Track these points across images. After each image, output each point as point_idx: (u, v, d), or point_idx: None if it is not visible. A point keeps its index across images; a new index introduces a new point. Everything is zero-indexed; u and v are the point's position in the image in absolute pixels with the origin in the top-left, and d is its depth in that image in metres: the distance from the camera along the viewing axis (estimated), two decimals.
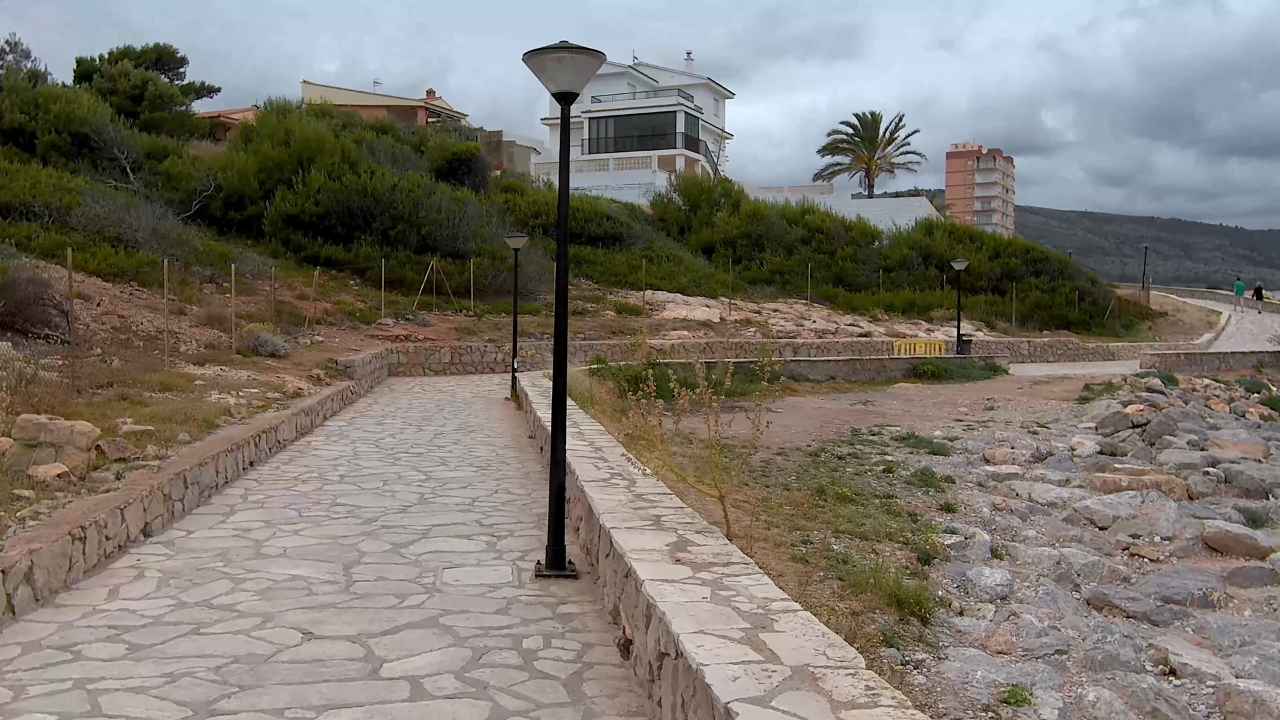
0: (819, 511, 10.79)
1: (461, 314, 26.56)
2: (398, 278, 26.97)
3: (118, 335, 15.63)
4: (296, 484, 9.02)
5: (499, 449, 12.04)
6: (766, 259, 36.53)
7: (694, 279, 33.59)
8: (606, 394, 18.84)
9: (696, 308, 30.23)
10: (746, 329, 28.80)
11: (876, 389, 24.33)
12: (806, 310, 32.93)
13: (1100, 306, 39.29)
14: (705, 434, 15.97)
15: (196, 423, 9.84)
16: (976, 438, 16.99)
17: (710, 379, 20.94)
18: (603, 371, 20.45)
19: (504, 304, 27.78)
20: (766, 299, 34.01)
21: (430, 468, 10.19)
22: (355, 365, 17.73)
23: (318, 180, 28.39)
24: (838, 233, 38.39)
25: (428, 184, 29.83)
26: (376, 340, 22.99)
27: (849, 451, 15.11)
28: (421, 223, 28.36)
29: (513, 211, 34.85)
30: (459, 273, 27.86)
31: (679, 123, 60.22)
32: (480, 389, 20.42)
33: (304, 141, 30.14)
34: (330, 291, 25.79)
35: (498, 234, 30.13)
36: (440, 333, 24.53)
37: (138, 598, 5.37)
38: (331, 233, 28.20)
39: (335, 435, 12.63)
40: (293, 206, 28.15)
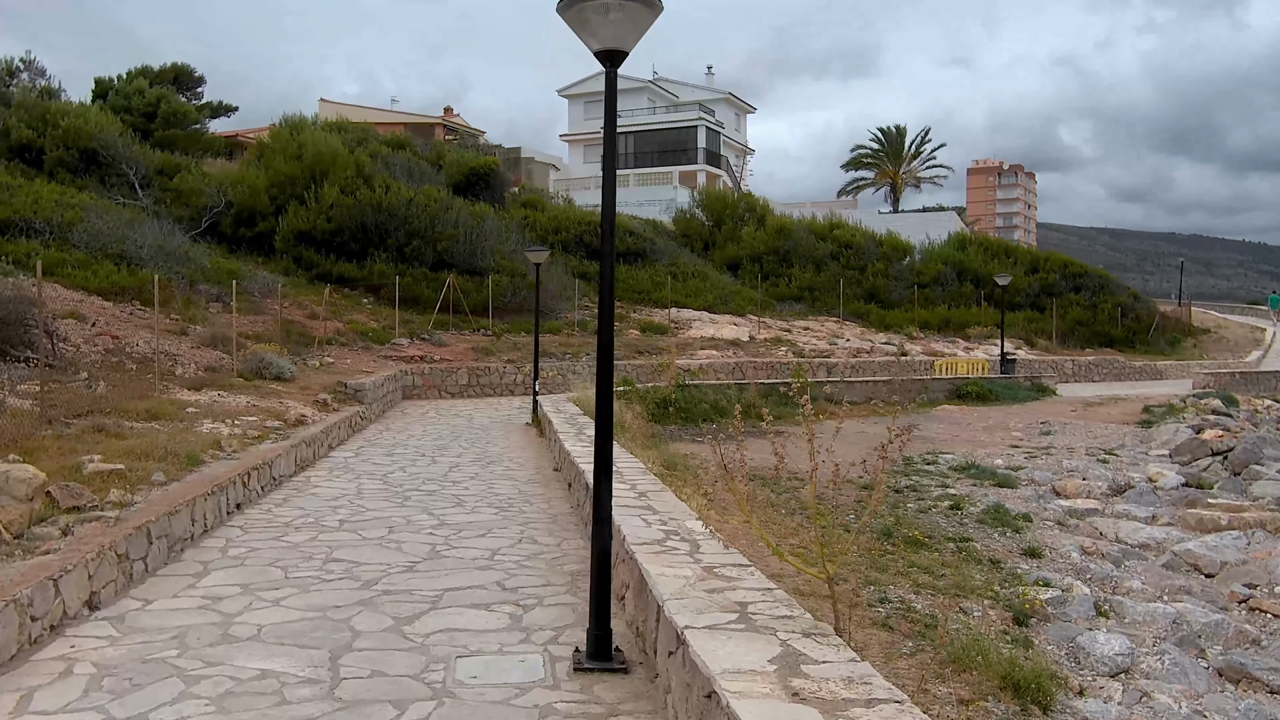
0: (888, 559, 9.40)
1: (479, 334, 25.37)
2: (413, 296, 25.83)
3: (109, 358, 14.48)
4: (288, 532, 7.73)
5: (521, 484, 10.73)
6: (795, 275, 35.19)
7: (720, 296, 32.29)
8: (635, 419, 17.52)
9: (724, 326, 28.91)
10: (777, 348, 27.45)
11: (919, 411, 22.87)
12: (838, 328, 31.52)
13: (1144, 323, 37.63)
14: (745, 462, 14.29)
15: (178, 458, 8.59)
16: (1041, 466, 15.52)
17: (742, 402, 19.39)
18: (630, 394, 19.16)
19: (523, 323, 26.58)
20: (796, 316, 32.64)
21: (444, 509, 8.89)
22: (366, 389, 16.51)
23: (330, 195, 27.37)
24: (868, 248, 37.01)
25: (444, 199, 28.75)
26: (390, 361, 21.81)
27: (907, 484, 13.69)
28: (438, 239, 27.25)
29: (532, 228, 33.73)
30: (476, 290, 26.70)
31: (700, 138, 59.17)
32: (499, 413, 19.15)
33: (317, 156, 29.18)
34: (342, 310, 24.68)
35: (516, 250, 29.00)
36: (457, 353, 23.33)
37: (52, 712, 4.08)
38: (345, 249, 27.13)
39: (339, 469, 11.37)
40: (304, 223, 27.12)
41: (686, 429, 19.13)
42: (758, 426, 19.50)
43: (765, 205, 41.44)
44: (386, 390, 18.70)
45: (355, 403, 16.09)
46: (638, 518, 6.01)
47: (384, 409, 18.35)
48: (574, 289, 29.14)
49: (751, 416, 20.24)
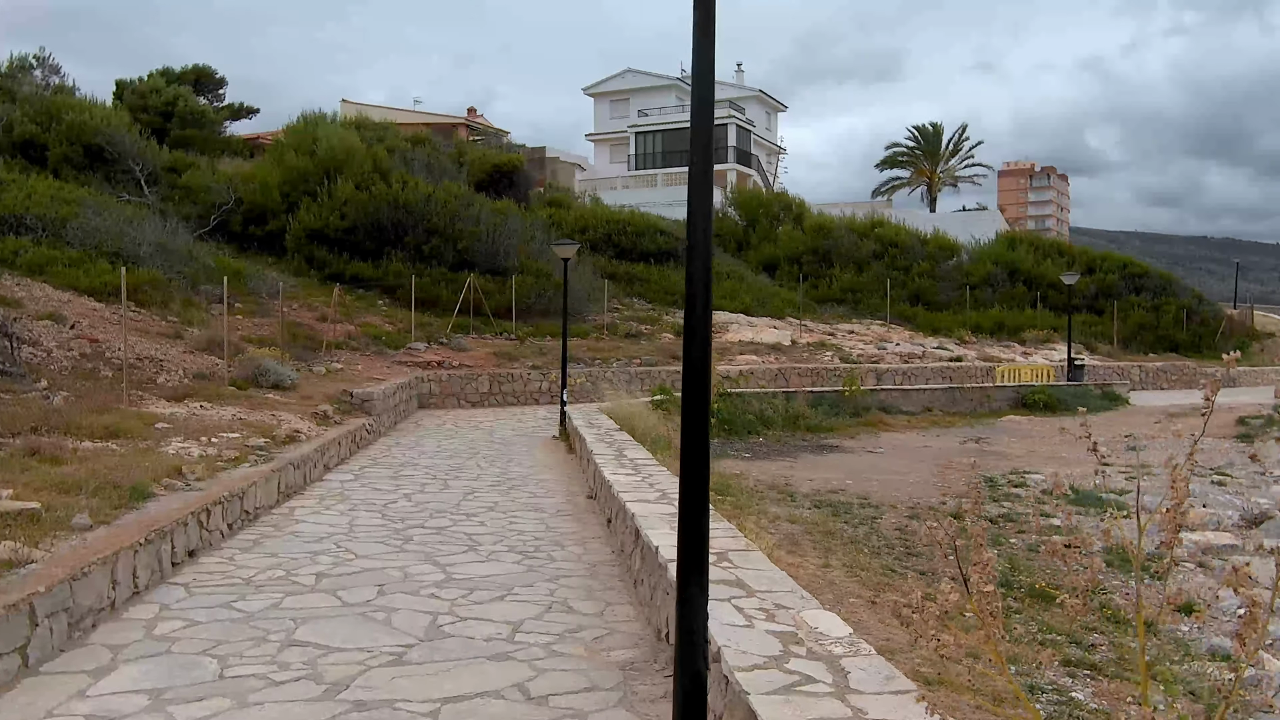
0: (1015, 618, 7.41)
1: (501, 337, 23.58)
2: (431, 297, 24.10)
3: (83, 363, 12.79)
4: (246, 593, 5.90)
5: (549, 516, 8.85)
6: (836, 276, 33.16)
7: (758, 298, 30.32)
8: (675, 432, 15.63)
9: (763, 329, 26.95)
10: (821, 353, 25.44)
11: (983, 422, 20.80)
12: (885, 332, 29.46)
13: (1210, 327, 35.21)
14: (804, 484, 12.36)
15: (119, 492, 6.80)
16: (1148, 490, 13.38)
17: (790, 411, 17.31)
18: (668, 404, 17.26)
19: (549, 326, 24.78)
20: (839, 319, 30.62)
21: (453, 556, 7.03)
22: (374, 398, 14.73)
23: (344, 191, 25.73)
24: (912, 247, 34.90)
25: (466, 195, 27.04)
26: (405, 367, 20.06)
27: (999, 512, 11.66)
28: (458, 237, 25.52)
29: (558, 226, 31.93)
30: (499, 292, 24.93)
31: (730, 136, 57.22)
32: (523, 424, 17.31)
33: (331, 151, 27.58)
34: (355, 313, 23.00)
35: (542, 249, 27.22)
36: (478, 358, 21.55)
37: None
38: (359, 248, 25.47)
39: (333, 496, 9.55)
40: (317, 220, 25.50)
41: (731, 442, 17.22)
42: (809, 439, 17.37)
43: (801, 204, 39.44)
44: (399, 399, 16.92)
45: (361, 414, 14.31)
46: (726, 603, 4.09)
47: (395, 420, 16.58)
48: (603, 290, 27.29)
49: (800, 428, 18.10)
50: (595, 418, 14.38)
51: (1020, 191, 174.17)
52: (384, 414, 15.30)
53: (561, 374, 16.15)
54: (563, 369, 16.22)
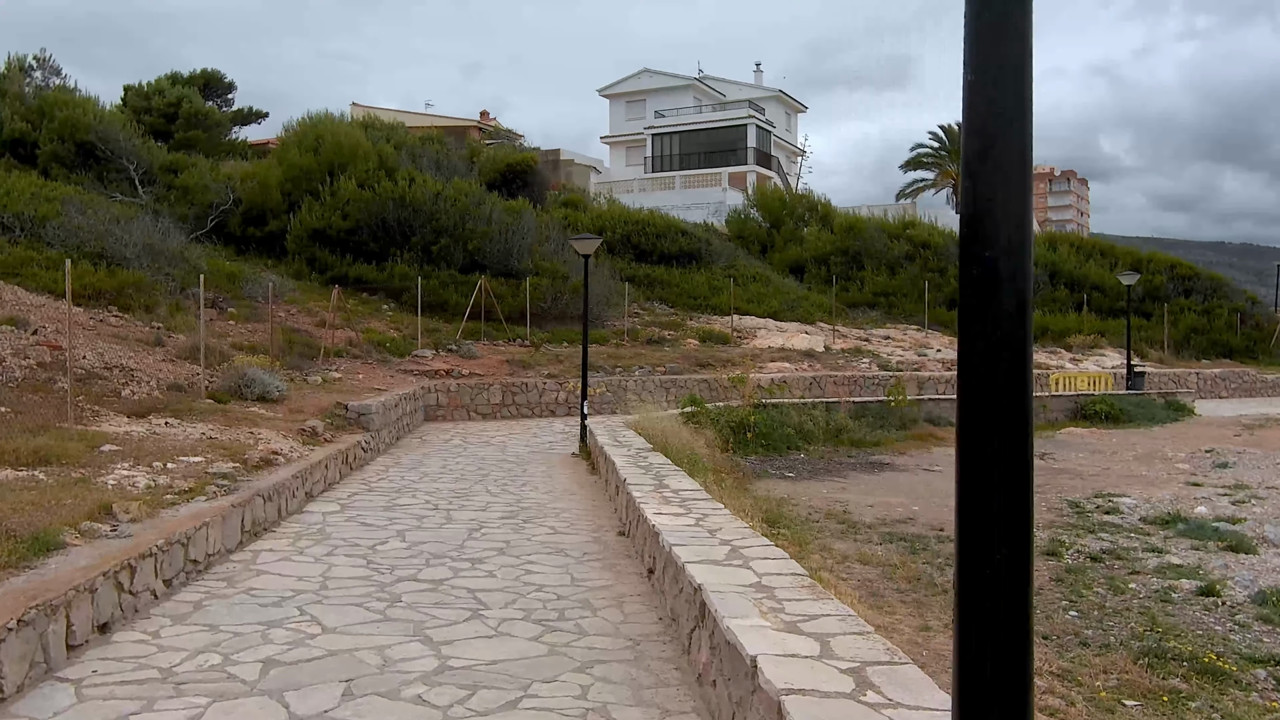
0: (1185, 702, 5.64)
1: (515, 344, 21.95)
2: (439, 301, 22.51)
3: (37, 373, 11.20)
4: (152, 703, 4.21)
5: (574, 562, 7.16)
6: (867, 279, 31.40)
7: (786, 302, 28.60)
8: (709, 447, 13.94)
9: (794, 335, 25.21)
10: (857, 360, 23.67)
11: (1042, 435, 18.97)
12: (923, 337, 27.67)
13: (1264, 331, 33.20)
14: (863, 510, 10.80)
15: (16, 542, 5.15)
16: (1260, 515, 11.59)
17: (831, 424, 15.53)
18: (699, 416, 15.59)
19: (565, 332, 23.13)
20: (872, 324, 28.87)
21: (450, 629, 5.34)
22: (372, 412, 13.09)
23: (348, 190, 24.20)
24: (947, 248, 33.08)
25: (476, 193, 25.46)
26: (409, 376, 18.44)
27: (1100, 546, 9.86)
28: (469, 236, 23.94)
29: (573, 228, 30.31)
30: (512, 295, 23.32)
31: (750, 137, 55.58)
32: (539, 439, 15.65)
33: (335, 147, 26.07)
34: (358, 318, 21.42)
35: (557, 250, 25.61)
36: (489, 366, 19.91)
37: None
38: (363, 249, 23.93)
39: (311, 534, 7.89)
40: (319, 220, 23.98)
41: (770, 459, 15.49)
42: (856, 455, 15.47)
43: (827, 204, 37.70)
44: (401, 413, 15.29)
45: (357, 429, 12.67)
46: None
47: (397, 435, 14.95)
48: (623, 294, 25.64)
49: (844, 442, 16.19)
50: (621, 433, 12.70)
51: (1040, 196, 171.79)
52: (383, 429, 13.66)
53: (581, 383, 14.49)
54: (583, 378, 14.57)
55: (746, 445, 15.43)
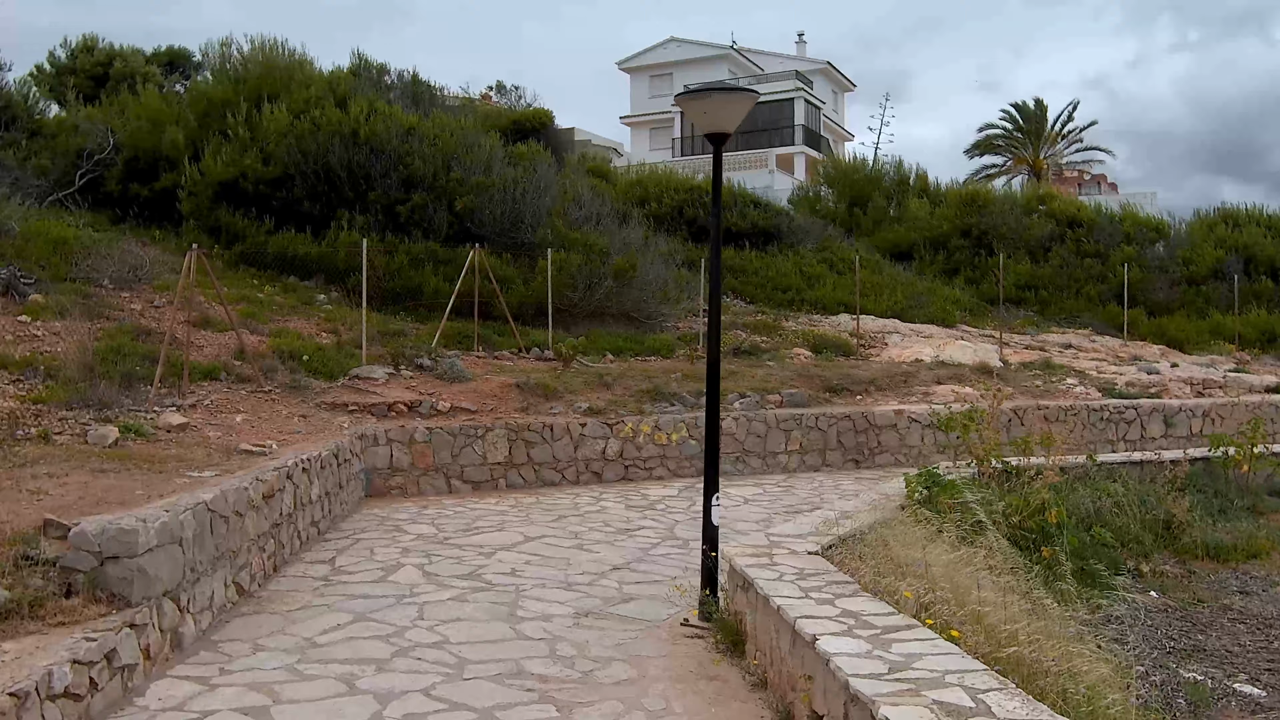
0: None
1: (527, 355, 13.60)
2: (407, 287, 14.26)
3: None
4: None
5: None
6: (1009, 267, 23.00)
7: (910, 297, 20.26)
8: (990, 573, 5.50)
9: (946, 343, 16.86)
10: (1053, 379, 15.29)
11: None
12: (1121, 345, 19.27)
13: None
14: None
15: None
16: None
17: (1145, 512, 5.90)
18: (940, 497, 7.10)
19: (607, 336, 14.84)
20: (1032, 326, 20.54)
21: None
22: (138, 549, 4.66)
23: (277, 121, 15.92)
24: (1104, 227, 24.72)
25: (468, 130, 17.16)
26: (340, 415, 10.11)
27: None
28: (456, 191, 15.64)
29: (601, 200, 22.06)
30: (523, 280, 15.02)
31: (798, 113, 47.39)
32: (589, 561, 7.25)
33: (268, 72, 17.80)
34: (276, 312, 13.12)
35: (590, 218, 17.32)
36: (486, 394, 11.51)
37: None
38: (295, 211, 15.64)
39: None
40: (228, 167, 15.71)
41: (1098, 590, 7.16)
42: (1247, 583, 6.46)
43: (924, 175, 29.34)
44: (265, 522, 6.87)
45: (89, 602, 4.26)
46: None
47: (252, 577, 6.55)
48: (692, 284, 17.35)
49: (1193, 552, 6.53)
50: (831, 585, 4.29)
51: None
52: (185, 587, 5.24)
53: (708, 437, 5.99)
54: (709, 421, 6.10)
55: (1047, 568, 6.97)
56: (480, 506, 9.54)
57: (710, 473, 5.85)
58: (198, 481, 6.21)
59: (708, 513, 5.79)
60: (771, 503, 10.01)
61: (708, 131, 5.73)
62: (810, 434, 12.22)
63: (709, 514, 5.78)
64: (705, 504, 5.84)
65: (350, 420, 10.13)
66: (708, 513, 5.79)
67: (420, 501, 9.77)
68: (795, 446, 12.09)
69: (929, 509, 6.83)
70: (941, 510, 6.92)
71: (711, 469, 5.85)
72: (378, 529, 8.38)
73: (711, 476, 5.84)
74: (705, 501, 5.83)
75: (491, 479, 10.53)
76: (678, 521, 8.95)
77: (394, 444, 10.11)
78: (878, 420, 12.59)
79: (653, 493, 10.40)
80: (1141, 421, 14.24)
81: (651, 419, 11.42)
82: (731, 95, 5.50)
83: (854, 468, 12.38)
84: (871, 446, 12.57)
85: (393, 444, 10.10)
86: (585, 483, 10.89)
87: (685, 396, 12.14)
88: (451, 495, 10.15)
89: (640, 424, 11.28)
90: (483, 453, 10.50)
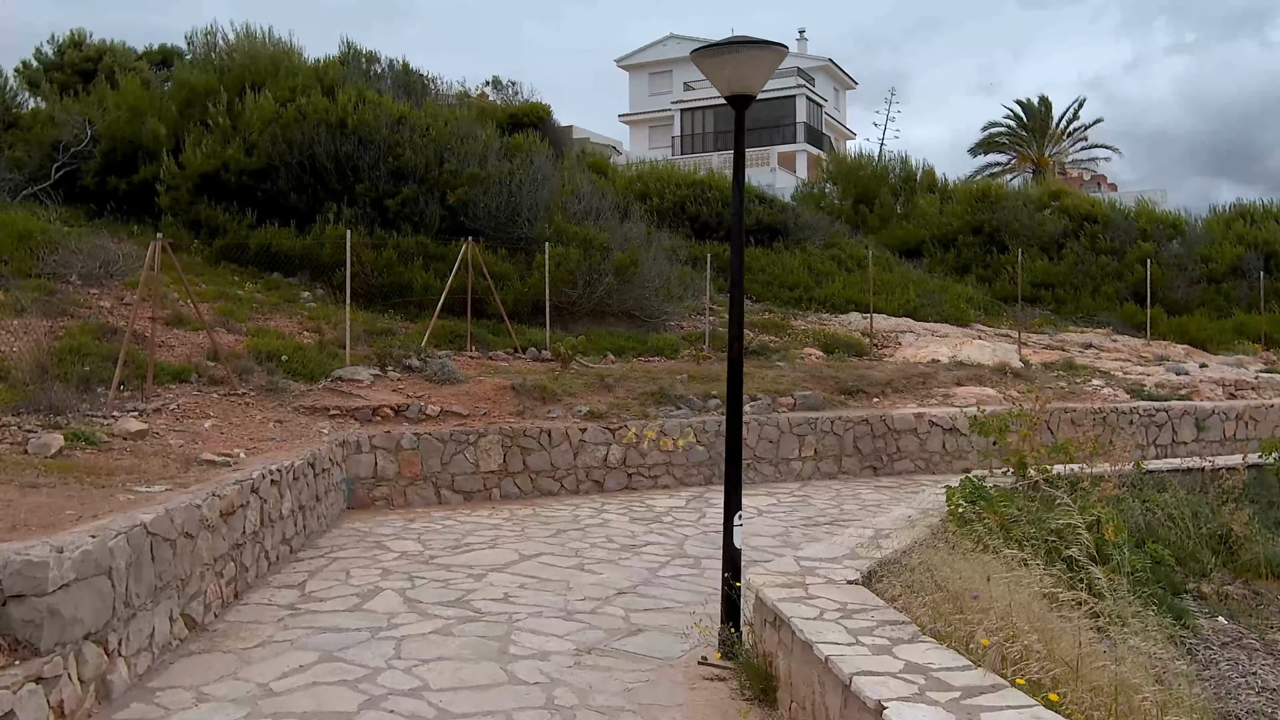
0: None
1: (525, 355, 12.83)
2: (395, 284, 13.48)
3: None
4: None
5: None
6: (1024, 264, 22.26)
7: (922, 295, 19.50)
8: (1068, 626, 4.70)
9: (963, 342, 16.11)
10: (1078, 381, 14.53)
11: None
12: (1143, 345, 18.51)
13: None
14: None
15: None
16: None
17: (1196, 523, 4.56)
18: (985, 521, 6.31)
19: (609, 335, 14.08)
20: (1049, 325, 19.81)
21: None
22: (47, 587, 3.87)
23: (261, 110, 15.15)
24: (1119, 224, 23.97)
25: (462, 121, 16.41)
26: (321, 420, 9.33)
27: None
28: (449, 183, 14.87)
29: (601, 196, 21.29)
30: (519, 276, 14.26)
31: (799, 110, 46.72)
32: (598, 586, 6.44)
33: (253, 60, 17.05)
34: (255, 310, 12.34)
35: (590, 212, 16.56)
36: (480, 397, 10.73)
37: None
38: (279, 204, 14.87)
39: None
40: (209, 159, 14.93)
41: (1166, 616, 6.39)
42: None
43: (932, 171, 28.60)
44: (223, 544, 6.08)
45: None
46: None
47: (208, 604, 5.77)
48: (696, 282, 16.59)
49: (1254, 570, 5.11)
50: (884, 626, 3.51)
51: None
52: (131, 616, 4.46)
53: (728, 462, 5.21)
54: (730, 433, 5.38)
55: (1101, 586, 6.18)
56: (472, 519, 8.76)
57: (732, 487, 5.07)
58: (144, 498, 5.43)
59: (729, 534, 5.01)
60: (788, 514, 9.24)
61: (730, 93, 4.96)
62: (825, 439, 11.45)
63: (730, 535, 5.00)
64: (726, 524, 5.06)
65: (331, 425, 9.35)
66: (729, 534, 5.01)
67: (407, 514, 8.99)
68: (810, 452, 11.32)
69: (976, 525, 6.05)
70: (988, 526, 6.14)
71: (733, 482, 5.08)
72: (357, 546, 7.60)
73: (734, 491, 5.06)
74: (726, 521, 5.06)
75: (484, 489, 9.75)
76: (687, 536, 8.17)
77: (379, 451, 9.32)
78: (897, 424, 11.82)
79: (658, 503, 9.63)
80: (1173, 425, 13.48)
81: (656, 423, 10.65)
82: (757, 49, 4.72)
83: (872, 475, 11.61)
84: (890, 452, 11.79)
85: (377, 451, 9.32)
86: (585, 492, 10.11)
87: (691, 399, 11.37)
88: (441, 506, 9.37)
89: (644, 429, 10.51)
90: (475, 460, 9.72)
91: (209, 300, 12.15)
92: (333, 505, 8.56)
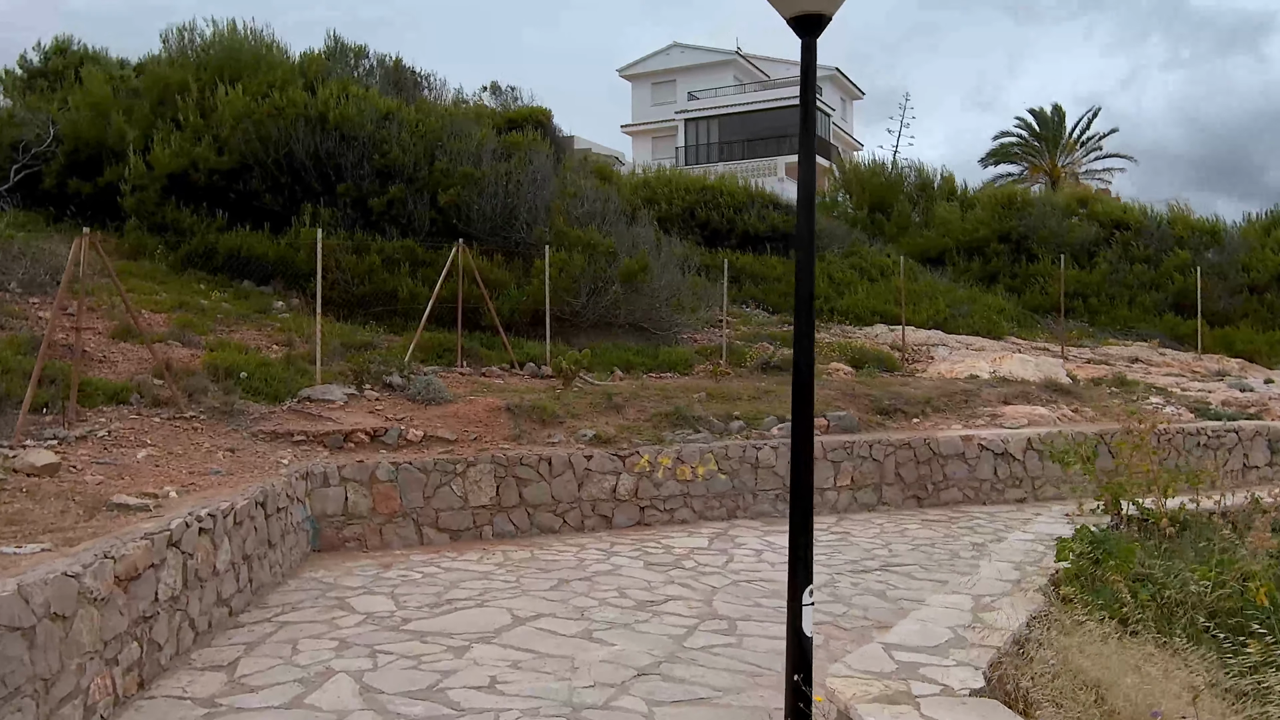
0: None
1: (522, 372, 11.46)
2: (380, 292, 12.16)
3: None
4: None
5: None
6: (1050, 273, 20.95)
7: (952, 306, 18.16)
8: None
9: (1001, 357, 14.74)
10: (1137, 397, 13.16)
11: None
12: (1193, 360, 17.13)
13: None
14: None
15: None
16: None
17: None
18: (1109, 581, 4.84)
19: (615, 349, 12.72)
20: (1088, 338, 18.46)
21: None
22: None
23: (233, 105, 13.87)
24: (1152, 231, 22.66)
25: (455, 118, 15.14)
26: (282, 448, 7.97)
27: None
28: (440, 183, 13.57)
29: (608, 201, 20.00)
30: (516, 284, 12.92)
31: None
32: (610, 664, 4.99)
33: (230, 55, 15.79)
34: (223, 321, 11.01)
35: (594, 215, 15.26)
36: (471, 419, 9.34)
37: None
38: (254, 206, 13.59)
39: None
40: (178, 158, 13.65)
41: None
42: None
43: (951, 177, 27.32)
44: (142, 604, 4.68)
45: None
46: None
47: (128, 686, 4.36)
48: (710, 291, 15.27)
49: None
50: None
51: None
52: None
53: (794, 485, 3.81)
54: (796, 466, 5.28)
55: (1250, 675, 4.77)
56: (458, 565, 7.38)
57: (800, 549, 3.69)
58: (9, 562, 4.05)
59: (796, 617, 3.61)
60: (829, 557, 7.83)
61: (796, 13, 3.63)
62: (863, 465, 10.07)
63: (799, 619, 3.60)
64: (791, 602, 3.67)
65: (295, 454, 7.98)
66: (796, 617, 3.61)
67: (382, 557, 7.60)
68: (846, 481, 9.93)
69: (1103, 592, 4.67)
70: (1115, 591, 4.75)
71: (802, 544, 3.69)
72: (315, 605, 6.21)
73: (803, 554, 3.68)
74: (791, 599, 3.66)
75: (474, 526, 8.36)
76: (715, 589, 6.77)
77: (349, 484, 7.95)
78: (943, 448, 10.43)
79: (677, 543, 8.24)
80: (1244, 447, 12.09)
81: (672, 449, 9.27)
82: None
83: (915, 505, 10.22)
84: (936, 480, 10.40)
85: (348, 484, 7.94)
86: (591, 529, 8.72)
87: (711, 421, 9.99)
88: (423, 548, 7.99)
89: (659, 455, 9.13)
90: (463, 493, 8.34)
91: (166, 310, 10.82)
92: (292, 551, 7.17)
